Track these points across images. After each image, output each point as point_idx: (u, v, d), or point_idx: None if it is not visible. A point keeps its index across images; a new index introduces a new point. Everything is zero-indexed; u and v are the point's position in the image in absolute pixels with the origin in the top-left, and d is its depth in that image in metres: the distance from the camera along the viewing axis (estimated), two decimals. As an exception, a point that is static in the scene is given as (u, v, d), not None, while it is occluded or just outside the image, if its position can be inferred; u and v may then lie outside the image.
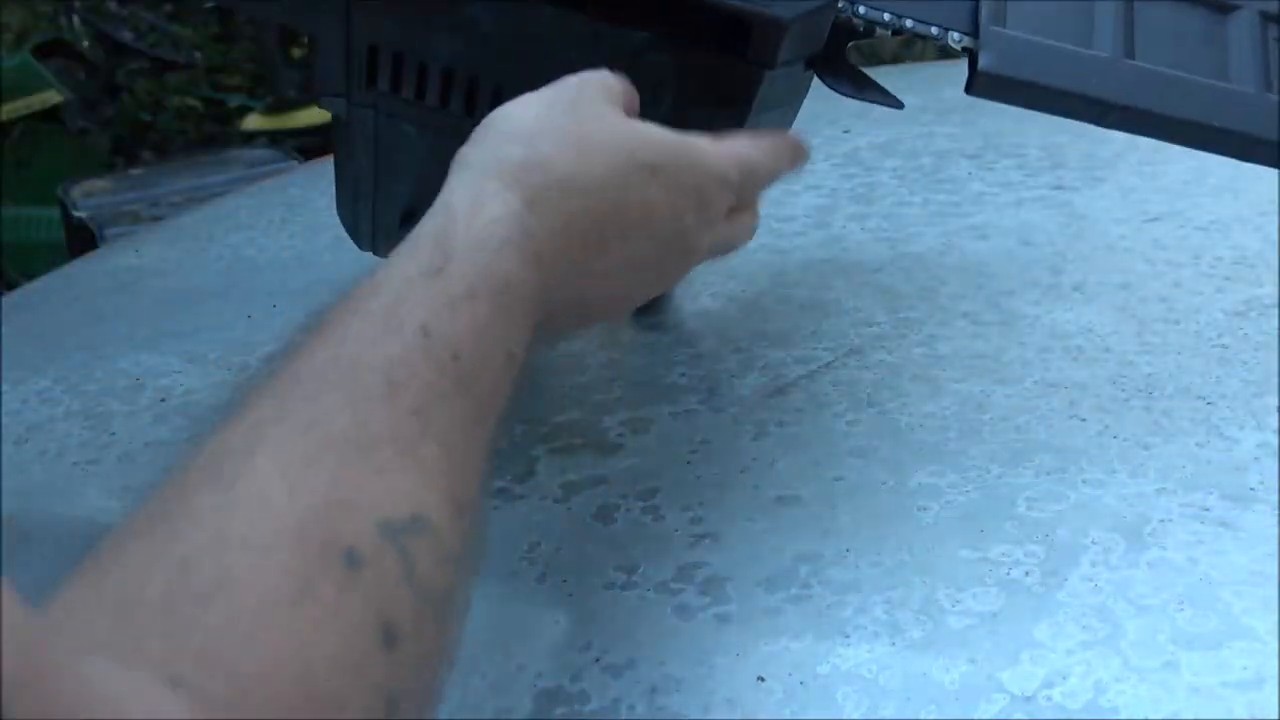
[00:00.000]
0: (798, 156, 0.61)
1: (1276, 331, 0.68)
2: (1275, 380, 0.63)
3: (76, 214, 2.14)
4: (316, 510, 0.38)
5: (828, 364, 0.70)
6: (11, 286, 2.16)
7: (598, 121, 0.53)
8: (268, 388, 0.42)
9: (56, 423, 0.73)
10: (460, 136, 0.53)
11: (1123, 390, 0.65)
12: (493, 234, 0.48)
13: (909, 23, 0.63)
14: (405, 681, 0.38)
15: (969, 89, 0.64)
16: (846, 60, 0.64)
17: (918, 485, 0.59)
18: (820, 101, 0.68)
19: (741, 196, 0.58)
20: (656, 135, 0.54)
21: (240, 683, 0.34)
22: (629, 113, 0.55)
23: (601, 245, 0.52)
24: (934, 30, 0.63)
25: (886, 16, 0.63)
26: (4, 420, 0.69)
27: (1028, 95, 0.64)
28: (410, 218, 0.52)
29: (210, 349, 0.83)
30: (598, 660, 0.50)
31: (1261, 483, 0.56)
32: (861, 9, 0.63)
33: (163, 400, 0.74)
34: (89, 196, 2.22)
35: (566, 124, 0.53)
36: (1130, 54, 0.64)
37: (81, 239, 2.06)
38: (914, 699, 0.46)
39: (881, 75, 0.66)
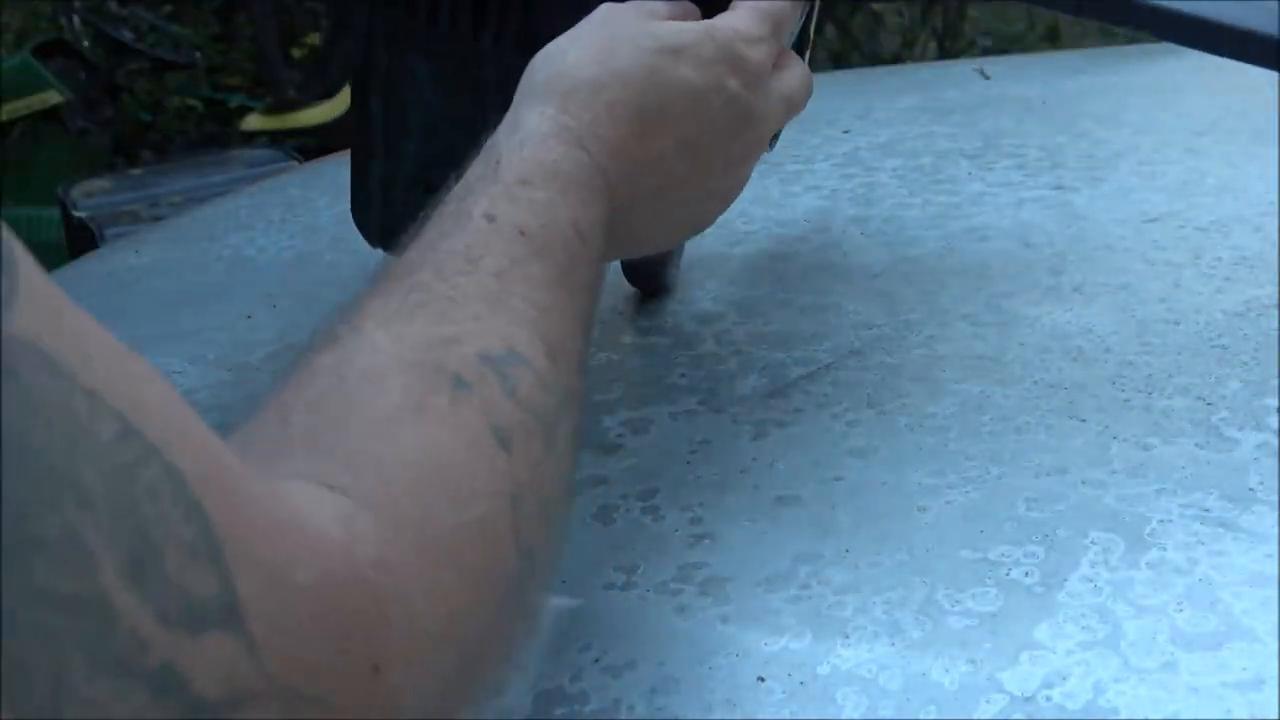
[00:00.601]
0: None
1: (1276, 331, 0.67)
2: (1275, 380, 0.63)
3: (76, 214, 2.14)
4: (421, 347, 0.43)
5: (828, 365, 0.70)
6: (12, 286, 2.15)
7: (622, 28, 0.57)
8: (372, 284, 0.46)
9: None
10: (468, 71, 0.56)
11: (1123, 390, 0.65)
12: (532, 132, 0.52)
13: None
14: (524, 482, 0.41)
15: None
16: None
17: (918, 485, 0.59)
18: (820, 101, 0.68)
19: (776, 47, 0.60)
20: (676, 25, 0.57)
21: (383, 478, 0.38)
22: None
23: (645, 129, 0.55)
24: None
25: None
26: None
27: None
28: (426, 187, 0.56)
29: (210, 349, 0.83)
30: (598, 660, 0.50)
31: (1261, 483, 0.56)
32: None
33: (163, 400, 0.74)
34: (89, 196, 2.22)
35: (592, 38, 0.56)
36: None
37: (81, 239, 2.06)
38: (914, 699, 0.46)
39: (881, 75, 0.66)
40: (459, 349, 0.43)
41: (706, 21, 0.58)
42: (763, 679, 0.48)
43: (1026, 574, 0.52)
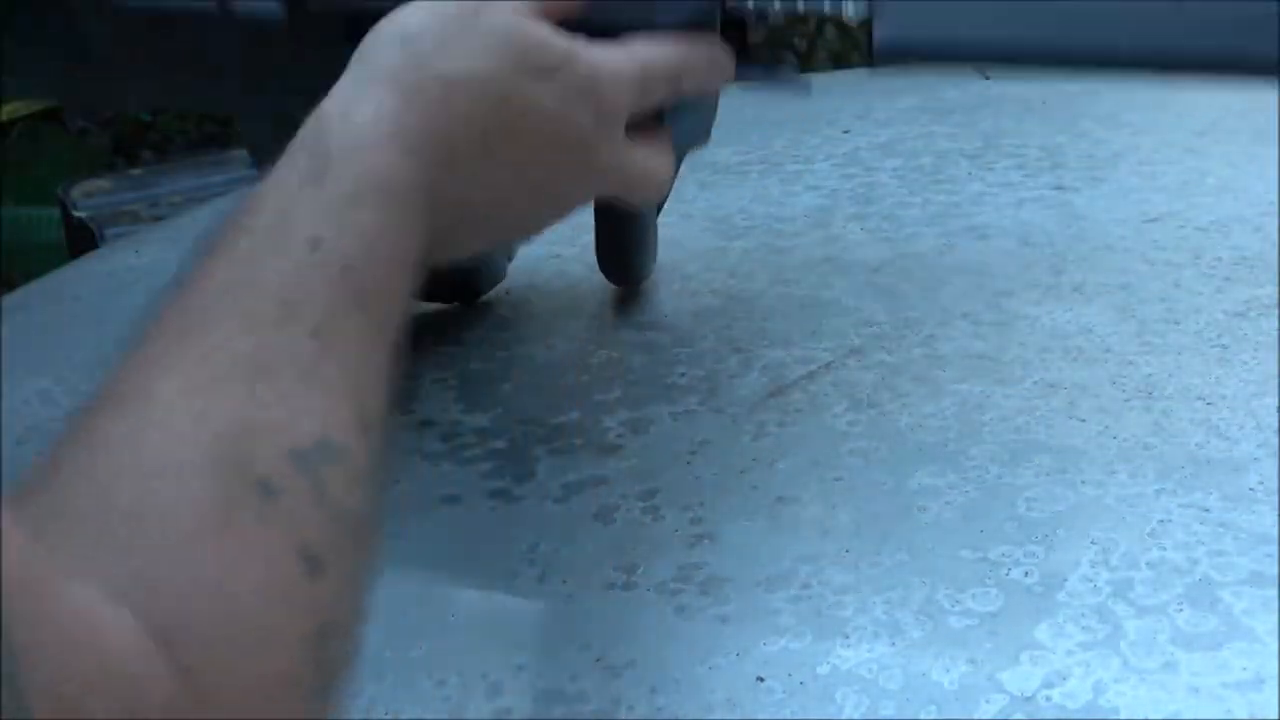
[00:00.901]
0: (715, 63, 0.58)
1: (1276, 331, 0.67)
2: (1275, 380, 0.63)
3: (76, 214, 2.14)
4: (225, 438, 0.38)
5: (828, 364, 0.70)
6: (11, 286, 2.16)
7: (488, 20, 0.51)
8: (163, 320, 0.41)
9: (56, 423, 0.73)
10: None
11: (1123, 390, 0.65)
12: (368, 133, 0.47)
13: (800, 5, 0.60)
14: (333, 609, 0.38)
15: (871, 61, 0.60)
16: (749, 50, 0.61)
17: (918, 485, 0.59)
18: (820, 101, 0.67)
19: (643, 99, 0.55)
20: (549, 38, 0.52)
21: (181, 615, 0.34)
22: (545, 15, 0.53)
23: (488, 147, 0.50)
24: (826, 6, 0.59)
25: (777, 5, 0.60)
26: (4, 420, 0.69)
27: (935, 57, 0.62)
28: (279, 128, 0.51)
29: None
30: (598, 660, 0.50)
31: (1261, 483, 0.56)
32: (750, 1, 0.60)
33: (163, 400, 0.74)
34: (89, 196, 2.22)
35: (453, 25, 0.51)
36: None
37: (81, 239, 2.06)
38: (914, 699, 0.46)
39: (881, 75, 0.66)
40: (268, 443, 0.38)
41: (579, 44, 0.53)
42: (762, 679, 0.48)
43: (1026, 574, 0.52)
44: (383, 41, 0.51)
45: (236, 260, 0.43)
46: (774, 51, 3.09)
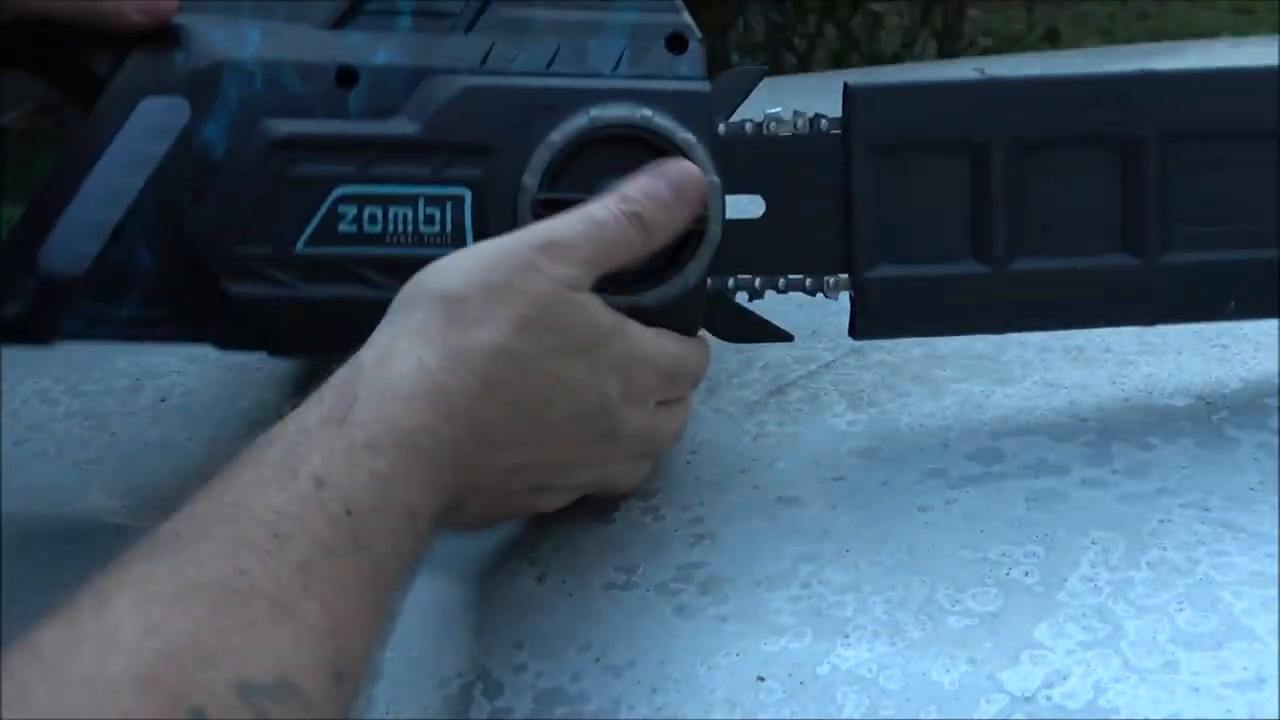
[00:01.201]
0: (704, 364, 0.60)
1: (1276, 331, 0.67)
2: (1275, 380, 0.63)
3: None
4: (169, 656, 0.35)
5: (827, 364, 0.70)
6: (11, 286, 2.15)
7: (537, 291, 0.51)
8: (149, 539, 0.39)
9: (56, 423, 0.73)
10: None
11: (1123, 390, 0.65)
12: (401, 385, 0.46)
13: (781, 281, 0.62)
14: None
15: (852, 333, 0.64)
16: (736, 319, 0.63)
17: (918, 485, 0.59)
18: (821, 100, 0.67)
19: (670, 390, 0.57)
20: (597, 314, 0.53)
21: None
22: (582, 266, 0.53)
23: (522, 413, 0.50)
24: (808, 281, 0.62)
25: (757, 282, 0.62)
26: (4, 420, 0.69)
27: (917, 331, 0.66)
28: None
29: (209, 348, 0.83)
30: (598, 660, 0.50)
31: (1261, 483, 0.56)
32: (730, 281, 0.62)
33: (162, 400, 0.74)
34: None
35: (500, 293, 0.50)
36: (1015, 252, 0.62)
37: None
38: (914, 699, 0.46)
39: (882, 75, 0.66)
40: (213, 672, 0.35)
41: (621, 322, 0.54)
42: (763, 679, 0.48)
43: (1026, 574, 0.52)
44: (426, 298, 0.50)
45: (233, 487, 0.41)
46: (774, 51, 3.09)
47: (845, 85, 0.62)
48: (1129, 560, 0.52)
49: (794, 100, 0.64)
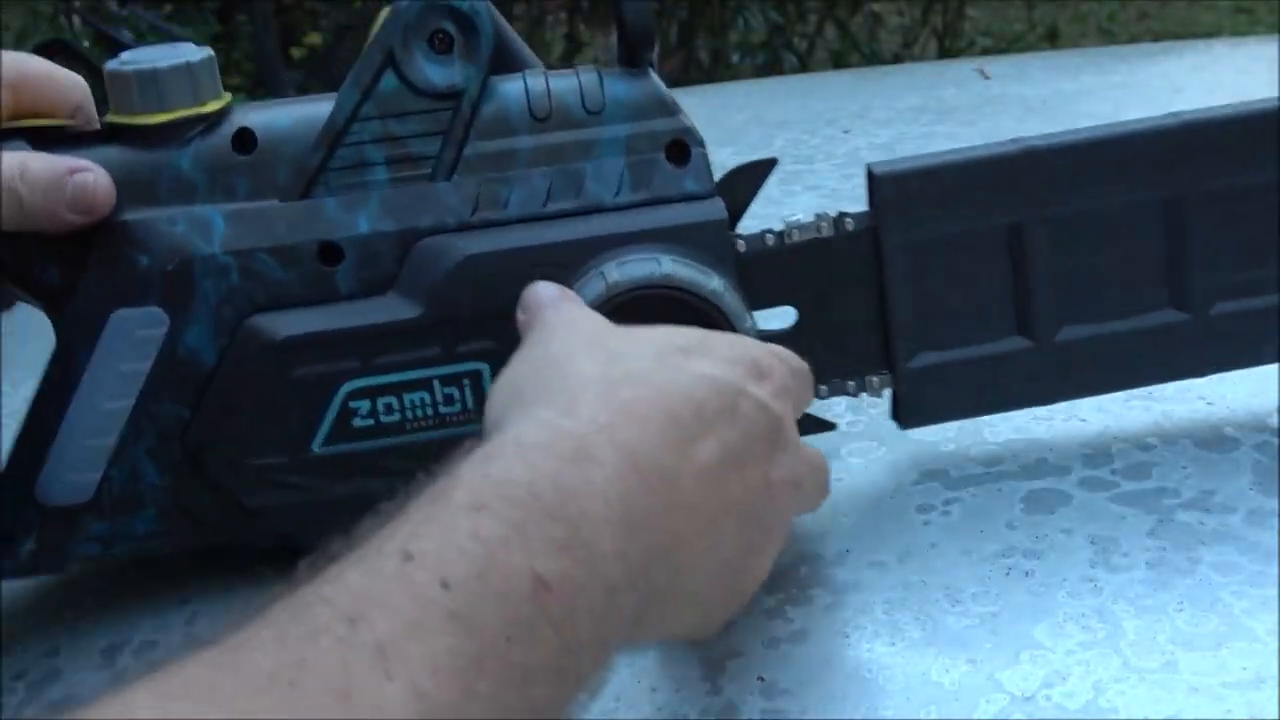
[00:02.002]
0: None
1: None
2: (1275, 380, 0.63)
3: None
4: None
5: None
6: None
7: (606, 331, 0.47)
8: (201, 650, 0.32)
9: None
10: None
11: (1123, 390, 0.65)
12: (513, 444, 0.39)
13: (823, 389, 0.58)
14: None
15: (897, 421, 0.61)
16: None
17: (918, 485, 0.59)
18: (821, 100, 0.68)
19: (799, 393, 0.51)
20: (671, 330, 0.47)
21: None
22: None
23: (681, 433, 0.42)
24: (850, 384, 0.59)
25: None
26: (4, 420, 0.69)
27: (964, 414, 0.62)
28: None
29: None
30: (598, 660, 0.50)
31: (1261, 483, 0.56)
32: None
33: (163, 400, 0.74)
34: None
35: (573, 345, 0.46)
36: (1060, 321, 0.59)
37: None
38: (914, 699, 0.46)
39: (882, 75, 0.66)
40: None
41: (704, 329, 0.49)
42: (762, 679, 0.48)
43: (1026, 574, 0.52)
44: (515, 384, 0.45)
45: (309, 579, 0.34)
46: (774, 51, 3.09)
47: (869, 173, 0.59)
48: (1129, 560, 0.52)
49: (794, 100, 0.63)
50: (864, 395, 0.60)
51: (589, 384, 0.42)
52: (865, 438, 0.63)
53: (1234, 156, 0.59)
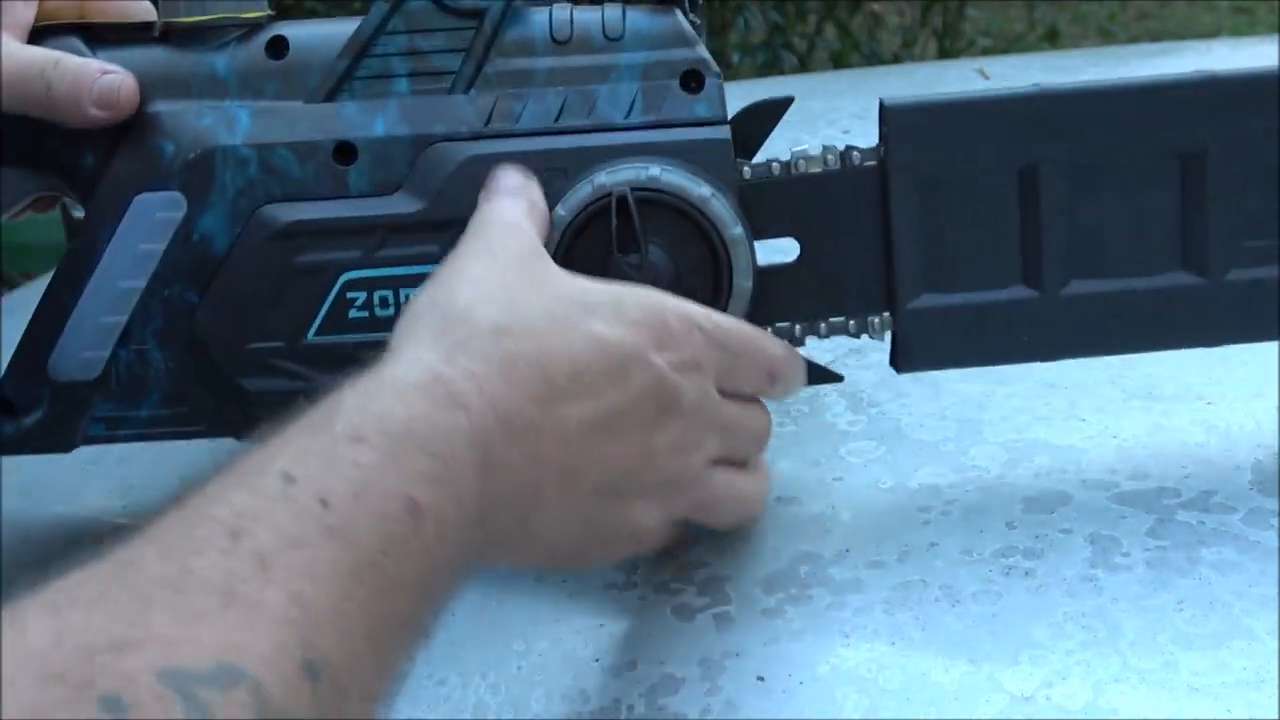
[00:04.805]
0: (790, 368, 0.54)
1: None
2: (1275, 380, 0.63)
3: (77, 214, 2.14)
4: (80, 651, 0.31)
5: (828, 364, 0.70)
6: (12, 286, 2.16)
7: (519, 267, 0.49)
8: (89, 564, 0.35)
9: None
10: None
11: (1123, 390, 0.65)
12: (393, 384, 0.42)
13: (823, 326, 0.59)
14: None
15: (894, 365, 0.60)
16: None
17: (918, 485, 0.59)
18: (821, 100, 0.68)
19: (732, 369, 0.51)
20: (593, 284, 0.49)
21: None
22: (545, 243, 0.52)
23: (550, 392, 0.45)
24: (851, 323, 0.59)
25: (798, 329, 0.58)
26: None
27: (962, 362, 0.61)
28: None
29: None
30: (598, 660, 0.50)
31: (1261, 483, 0.56)
32: (769, 331, 0.57)
33: (163, 400, 0.74)
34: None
35: (483, 271, 0.48)
36: (1068, 274, 0.58)
37: (81, 239, 2.06)
38: (914, 699, 0.46)
39: (882, 75, 0.66)
40: (130, 659, 0.31)
41: (627, 285, 0.50)
42: (762, 679, 0.48)
43: (1026, 574, 0.52)
44: (419, 308, 0.47)
45: (195, 498, 0.37)
46: (774, 51, 3.09)
47: (881, 106, 0.58)
48: (1129, 560, 0.52)
49: (796, 100, 0.63)
50: (864, 336, 0.59)
51: (477, 332, 0.44)
52: (865, 437, 0.63)
53: (1261, 116, 0.56)
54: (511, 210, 0.52)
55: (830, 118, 1.10)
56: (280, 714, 0.32)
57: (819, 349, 0.64)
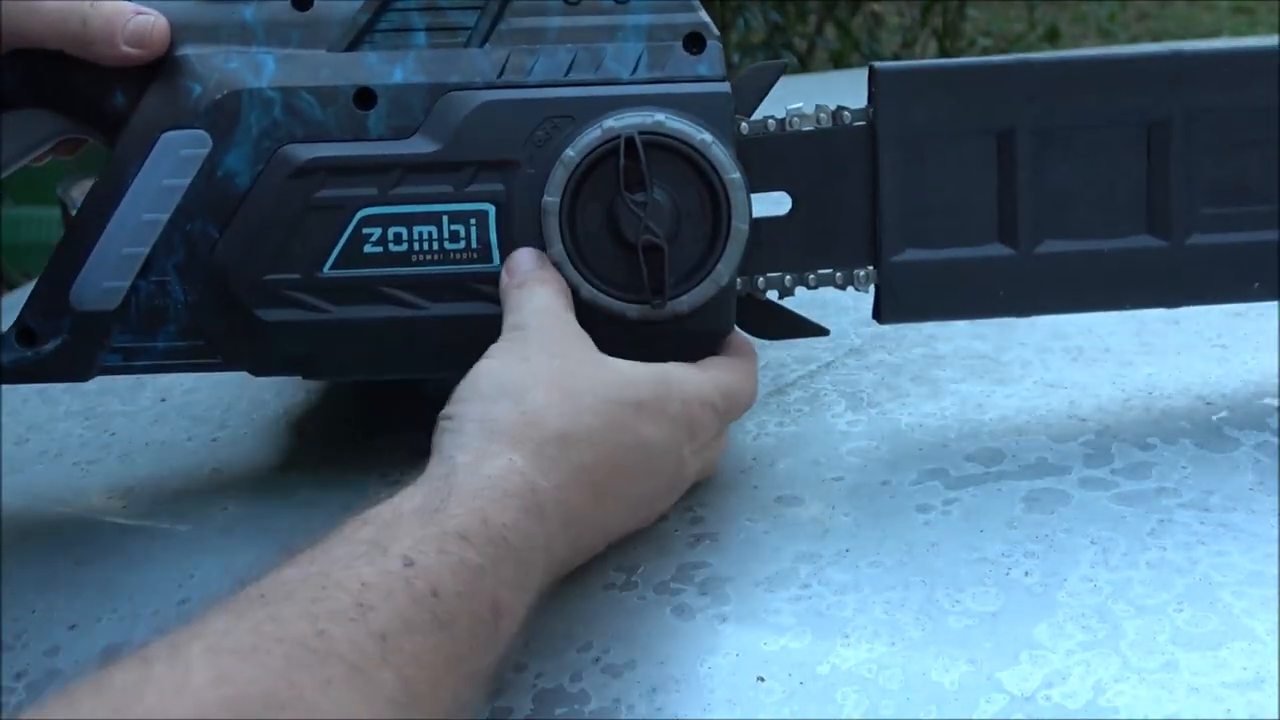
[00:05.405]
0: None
1: (1276, 331, 0.68)
2: (1275, 380, 0.63)
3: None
4: (238, 703, 0.35)
5: (827, 364, 0.70)
6: (12, 286, 2.16)
7: (576, 364, 0.54)
8: (228, 599, 0.39)
9: (56, 423, 0.73)
10: None
11: (1123, 390, 0.65)
12: (495, 486, 0.47)
13: (811, 277, 0.62)
14: None
15: (876, 316, 0.64)
16: (770, 317, 0.64)
17: (918, 485, 0.59)
18: (820, 100, 0.68)
19: (725, 420, 0.58)
20: (635, 371, 0.54)
21: None
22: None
23: (605, 493, 0.52)
24: (838, 275, 0.62)
25: (787, 279, 0.62)
26: (4, 420, 0.69)
27: (941, 315, 0.66)
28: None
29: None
30: (598, 660, 0.50)
31: (1261, 483, 0.56)
32: (760, 280, 0.62)
33: (163, 400, 0.74)
34: (89, 196, 2.21)
35: (547, 372, 0.53)
36: (1040, 234, 0.62)
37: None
38: (914, 699, 0.46)
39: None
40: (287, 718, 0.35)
41: (664, 371, 0.55)
42: (763, 679, 0.48)
43: (1026, 574, 0.52)
44: (491, 398, 0.51)
45: (326, 558, 0.42)
46: (774, 51, 3.08)
47: (871, 69, 0.62)
48: (1129, 560, 0.52)
49: (794, 100, 0.63)
50: (850, 289, 0.63)
51: (550, 439, 0.50)
52: (865, 438, 0.63)
53: (1223, 91, 0.61)
54: (546, 297, 0.56)
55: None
56: None
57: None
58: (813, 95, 0.64)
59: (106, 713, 0.34)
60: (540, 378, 0.52)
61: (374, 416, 0.69)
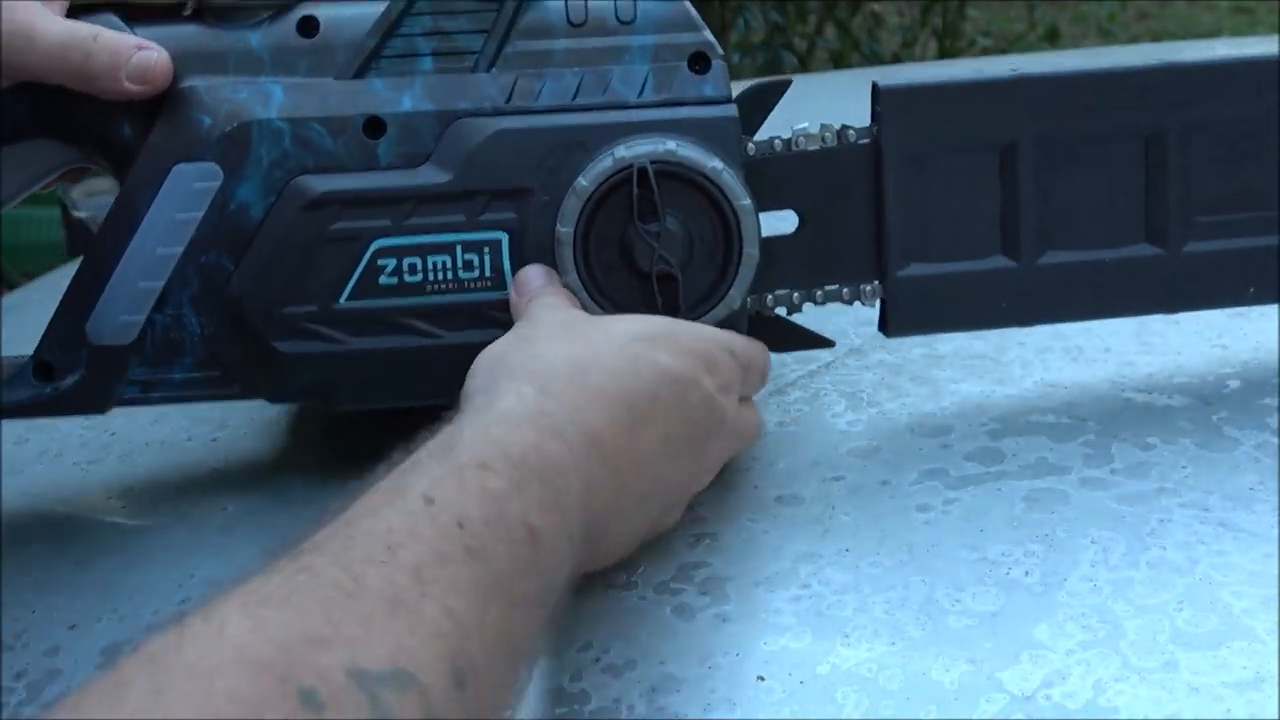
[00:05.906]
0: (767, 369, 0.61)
1: (1276, 331, 0.68)
2: (1275, 380, 0.63)
3: (76, 214, 2.14)
4: (279, 645, 0.35)
5: (827, 364, 0.70)
6: (12, 286, 2.15)
7: (585, 322, 0.54)
8: (262, 565, 0.39)
9: (56, 423, 0.73)
10: None
11: (1123, 390, 0.65)
12: (507, 416, 0.47)
13: (819, 293, 0.63)
14: None
15: (883, 329, 0.65)
16: (778, 332, 0.64)
17: (918, 485, 0.59)
18: (820, 100, 0.68)
19: (745, 382, 0.57)
20: (643, 319, 0.55)
21: None
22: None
23: (634, 419, 0.50)
24: (845, 291, 0.63)
25: (795, 296, 0.63)
26: (4, 420, 0.69)
27: (946, 327, 0.66)
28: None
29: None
30: (598, 660, 0.50)
31: (1261, 483, 0.56)
32: (769, 298, 0.63)
33: (163, 400, 0.74)
34: (89, 197, 2.21)
35: (552, 327, 0.53)
36: (1042, 246, 0.63)
37: (81, 239, 2.06)
38: (914, 699, 0.46)
39: (882, 75, 0.66)
40: (324, 656, 0.35)
41: (675, 320, 0.56)
42: (763, 679, 0.48)
43: (1026, 574, 0.52)
44: (495, 360, 0.52)
45: (345, 515, 0.42)
46: (774, 51, 3.09)
47: (875, 87, 0.62)
48: (1129, 560, 0.52)
49: (796, 100, 0.63)
50: (857, 304, 0.63)
51: (559, 372, 0.50)
52: (865, 438, 0.63)
53: (1217, 102, 0.62)
54: (553, 296, 0.57)
55: (830, 118, 1.10)
56: (435, 716, 0.36)
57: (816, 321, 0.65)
58: (813, 96, 0.65)
59: (144, 671, 0.34)
60: (542, 335, 0.53)
61: (374, 417, 0.69)
